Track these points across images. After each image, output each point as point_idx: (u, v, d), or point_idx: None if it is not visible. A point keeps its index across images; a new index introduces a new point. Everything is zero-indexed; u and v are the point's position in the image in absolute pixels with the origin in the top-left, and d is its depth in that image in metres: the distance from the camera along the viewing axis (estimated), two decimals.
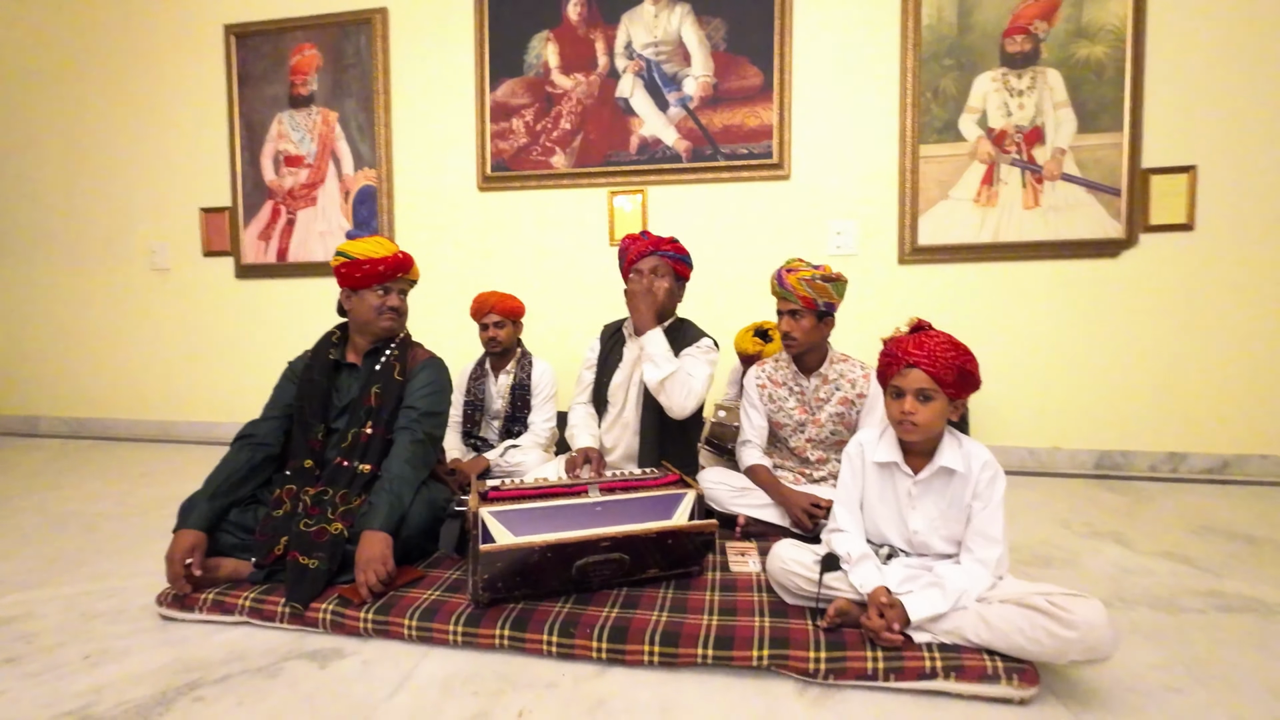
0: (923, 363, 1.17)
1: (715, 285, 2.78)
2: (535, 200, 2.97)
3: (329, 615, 1.27)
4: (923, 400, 1.18)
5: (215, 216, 3.27)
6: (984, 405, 2.63)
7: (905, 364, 1.19)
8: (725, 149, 2.78)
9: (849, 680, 1.07)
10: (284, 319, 3.24)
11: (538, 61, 2.91)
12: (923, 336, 1.21)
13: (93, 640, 1.25)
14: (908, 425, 1.19)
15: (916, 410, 1.17)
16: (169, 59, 3.27)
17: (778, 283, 1.73)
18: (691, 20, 2.78)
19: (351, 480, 1.49)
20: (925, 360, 1.17)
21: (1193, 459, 2.52)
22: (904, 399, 1.19)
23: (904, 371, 1.20)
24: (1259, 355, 2.45)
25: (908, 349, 1.20)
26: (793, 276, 1.69)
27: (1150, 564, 1.60)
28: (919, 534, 1.23)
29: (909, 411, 1.18)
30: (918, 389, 1.18)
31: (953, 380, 1.17)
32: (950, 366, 1.16)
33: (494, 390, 2.28)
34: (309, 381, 1.58)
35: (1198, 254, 2.48)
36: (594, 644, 1.16)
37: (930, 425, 1.19)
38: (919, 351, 1.18)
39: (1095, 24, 2.50)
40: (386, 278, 1.57)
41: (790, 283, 1.69)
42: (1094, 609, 0.98)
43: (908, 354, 1.19)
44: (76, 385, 3.53)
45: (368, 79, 3.06)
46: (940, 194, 2.64)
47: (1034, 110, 2.56)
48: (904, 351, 1.20)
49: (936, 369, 1.16)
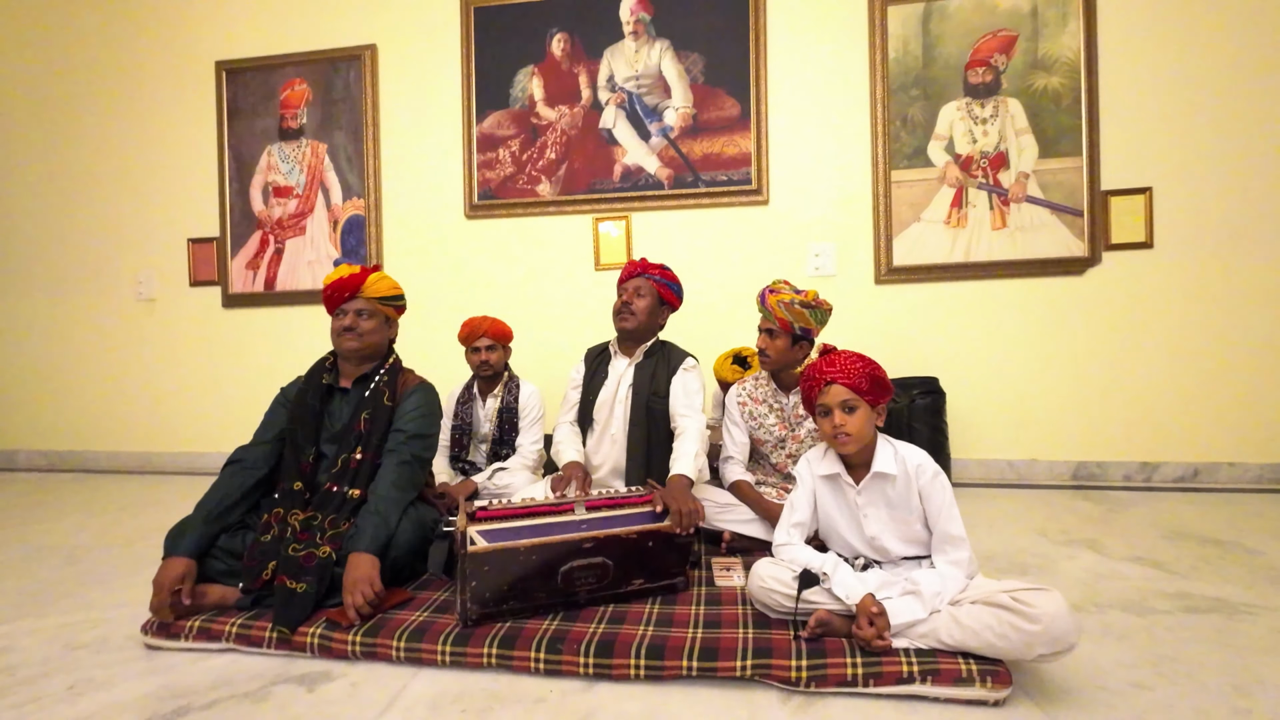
0: (839, 377, 1.29)
1: (699, 308, 2.85)
2: (522, 227, 3.04)
3: (316, 639, 1.27)
4: (848, 411, 1.28)
5: (203, 246, 3.30)
6: (963, 419, 2.70)
7: (824, 382, 1.31)
8: (706, 176, 2.88)
9: (830, 687, 1.10)
10: (271, 348, 3.25)
11: (523, 94, 3.01)
12: (832, 356, 1.33)
13: (76, 670, 1.24)
14: (842, 438, 1.28)
15: (846, 421, 1.27)
16: (160, 93, 3.33)
17: (760, 301, 1.81)
18: (671, 55, 2.90)
19: (340, 505, 1.49)
20: (840, 375, 1.29)
21: (1164, 468, 2.59)
22: (832, 415, 1.29)
23: (825, 389, 1.31)
24: (1222, 366, 2.55)
25: (822, 369, 1.32)
26: (773, 298, 1.76)
27: (1122, 569, 1.65)
28: (877, 539, 1.30)
29: (839, 424, 1.28)
30: (841, 402, 1.28)
31: (869, 387, 1.28)
32: (863, 375, 1.28)
33: (482, 414, 2.30)
34: (301, 404, 1.60)
35: (1158, 270, 2.59)
36: (581, 659, 1.18)
37: (862, 434, 1.28)
38: (832, 368, 1.30)
39: (1050, 56, 2.65)
40: (338, 300, 1.61)
41: (770, 304, 1.76)
42: (1054, 601, 1.02)
43: (823, 373, 1.31)
44: (56, 417, 3.49)
45: (357, 112, 3.14)
46: (913, 216, 2.75)
47: (998, 137, 2.69)
48: (820, 372, 1.32)
49: (852, 380, 1.28)
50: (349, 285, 1.61)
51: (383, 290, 1.65)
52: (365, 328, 1.61)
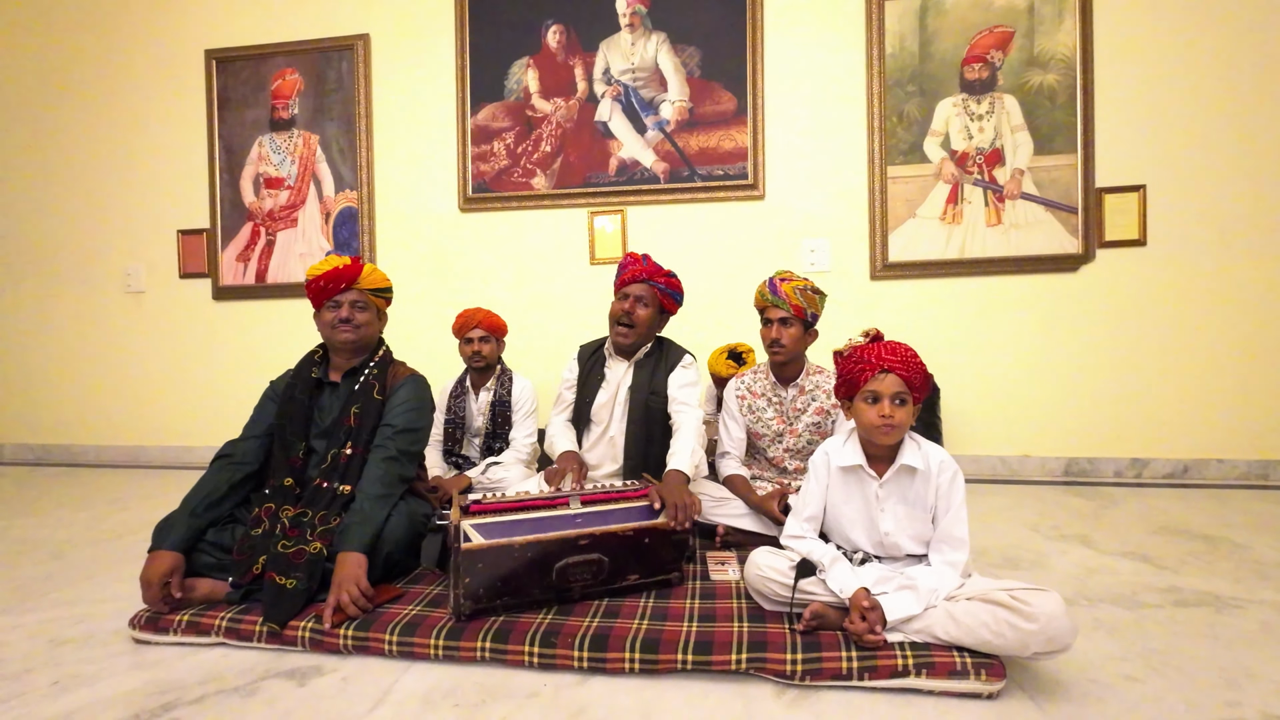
0: (898, 368, 1.22)
1: (694, 303, 2.83)
2: (516, 221, 3.02)
3: (308, 633, 1.26)
4: (899, 403, 1.22)
5: (193, 238, 3.25)
6: (956, 415, 2.71)
7: (879, 369, 1.23)
8: (702, 170, 2.86)
9: (825, 681, 1.10)
10: (262, 340, 3.22)
11: (518, 86, 2.99)
12: (894, 344, 1.26)
13: (62, 665, 1.23)
14: (887, 428, 1.22)
15: (895, 413, 1.21)
16: (149, 82, 3.28)
17: (770, 291, 1.78)
18: (667, 48, 2.88)
19: (331, 501, 1.48)
20: (900, 365, 1.22)
21: (1155, 464, 2.61)
22: (881, 403, 1.22)
23: (879, 377, 1.23)
24: (1213, 363, 2.57)
25: (881, 355, 1.23)
26: (787, 285, 1.75)
27: (1113, 564, 1.66)
28: (889, 535, 1.27)
29: (888, 415, 1.21)
30: (894, 393, 1.22)
31: (920, 384, 1.23)
32: (918, 371, 1.23)
33: (474, 408, 2.29)
34: (290, 399, 1.58)
35: (1151, 268, 2.61)
36: (575, 653, 1.17)
37: (905, 426, 1.24)
38: (893, 357, 1.23)
39: (1046, 54, 2.65)
40: (331, 292, 1.58)
41: (785, 290, 1.75)
42: (1052, 601, 1.02)
43: (882, 359, 1.23)
44: (44, 410, 3.44)
45: (349, 103, 3.10)
46: (908, 212, 2.75)
47: (993, 133, 2.69)
48: (878, 358, 1.23)
49: (909, 373, 1.22)
50: (345, 276, 1.59)
51: (376, 282, 1.64)
52: (360, 319, 1.60)
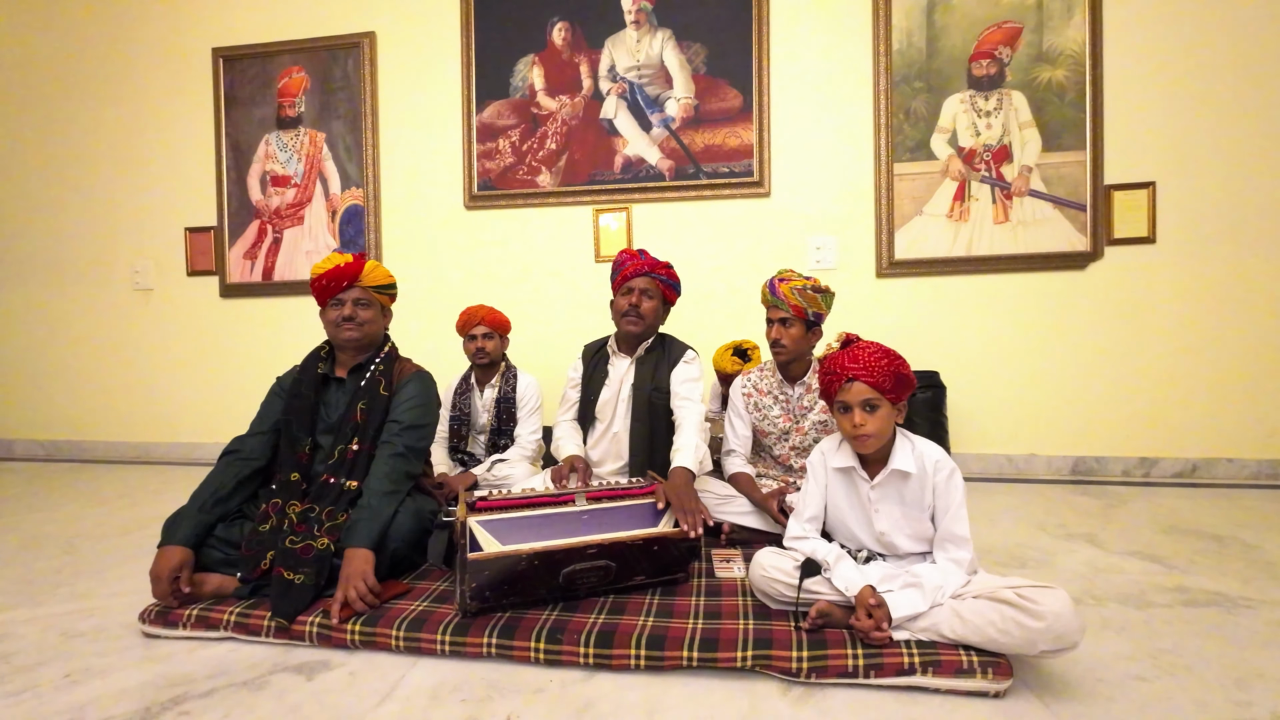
0: (861, 375, 1.22)
1: (699, 300, 2.84)
2: (521, 218, 3.02)
3: (315, 628, 1.27)
4: (869, 410, 1.22)
5: (200, 236, 3.27)
6: (963, 413, 2.70)
7: (845, 379, 1.23)
8: (707, 168, 2.86)
9: (830, 678, 1.10)
10: (269, 338, 3.23)
11: (523, 84, 2.98)
12: (855, 349, 1.25)
13: (74, 659, 1.24)
14: (861, 438, 1.23)
15: (866, 421, 1.22)
16: (156, 81, 3.30)
17: (770, 291, 1.78)
18: (673, 45, 2.87)
19: (338, 497, 1.49)
20: (863, 372, 1.22)
21: (1163, 463, 2.60)
22: (851, 413, 1.23)
23: (845, 386, 1.24)
24: (1222, 362, 2.55)
25: (844, 364, 1.24)
26: (785, 285, 1.75)
27: (1121, 563, 1.66)
28: (885, 535, 1.28)
29: (859, 424, 1.22)
30: (862, 401, 1.22)
31: (891, 386, 1.22)
32: (887, 373, 1.21)
33: (479, 404, 2.29)
34: (297, 395, 1.58)
35: (1160, 265, 2.58)
36: (581, 649, 1.17)
37: (882, 433, 1.23)
38: (855, 365, 1.23)
39: (1055, 49, 2.63)
40: (334, 290, 1.58)
41: (783, 291, 1.74)
42: (1060, 599, 1.01)
43: (845, 369, 1.24)
44: (53, 407, 3.48)
45: (356, 101, 3.11)
46: (915, 210, 2.74)
47: (1001, 130, 2.68)
48: (841, 367, 1.24)
49: (875, 378, 1.21)
50: (347, 274, 1.59)
51: (379, 279, 1.65)
52: (364, 317, 1.60)
